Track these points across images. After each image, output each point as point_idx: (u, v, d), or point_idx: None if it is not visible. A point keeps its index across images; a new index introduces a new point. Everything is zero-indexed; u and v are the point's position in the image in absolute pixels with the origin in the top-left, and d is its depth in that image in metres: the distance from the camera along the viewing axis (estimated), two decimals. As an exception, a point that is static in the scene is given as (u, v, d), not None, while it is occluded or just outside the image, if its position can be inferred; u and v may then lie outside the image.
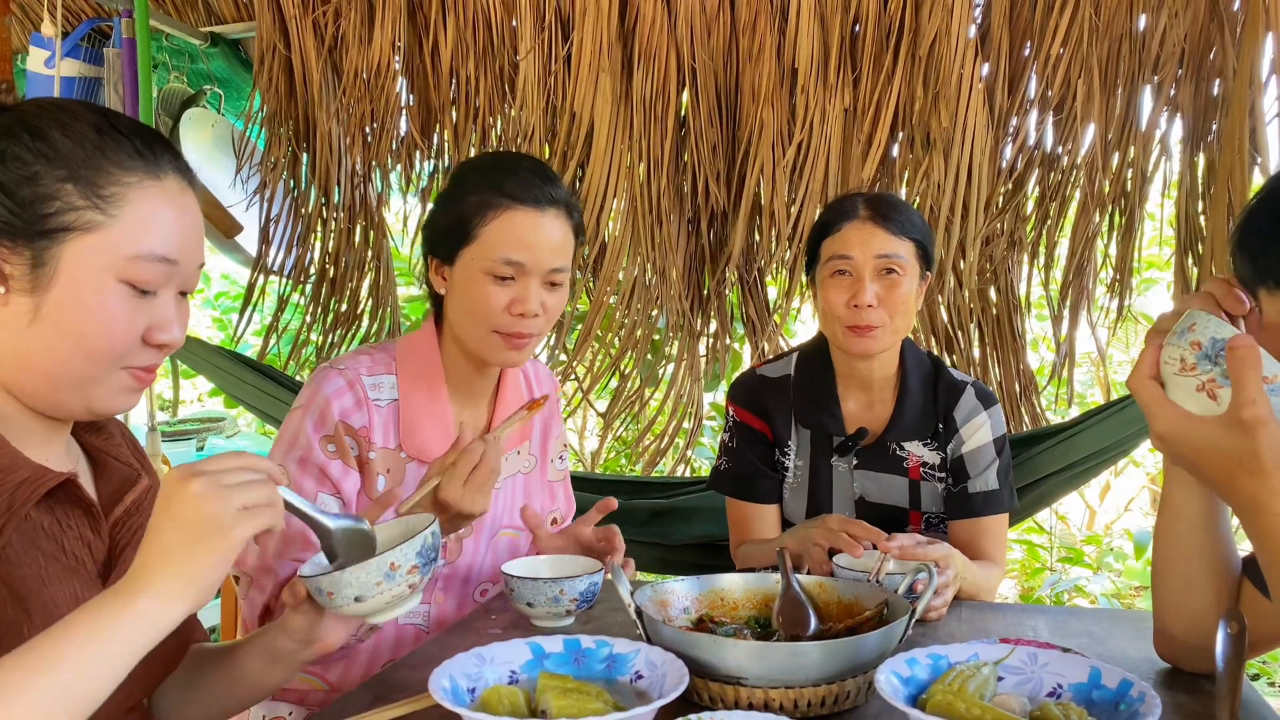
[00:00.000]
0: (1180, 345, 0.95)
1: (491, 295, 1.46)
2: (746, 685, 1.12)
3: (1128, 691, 1.04)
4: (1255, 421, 0.90)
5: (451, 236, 1.49)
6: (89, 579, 1.01)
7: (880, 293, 1.70)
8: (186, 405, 5.62)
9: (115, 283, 0.95)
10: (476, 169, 1.57)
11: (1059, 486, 2.44)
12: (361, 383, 1.51)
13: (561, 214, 1.51)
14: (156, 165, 0.98)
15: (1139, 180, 2.62)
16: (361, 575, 1.02)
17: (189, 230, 1.01)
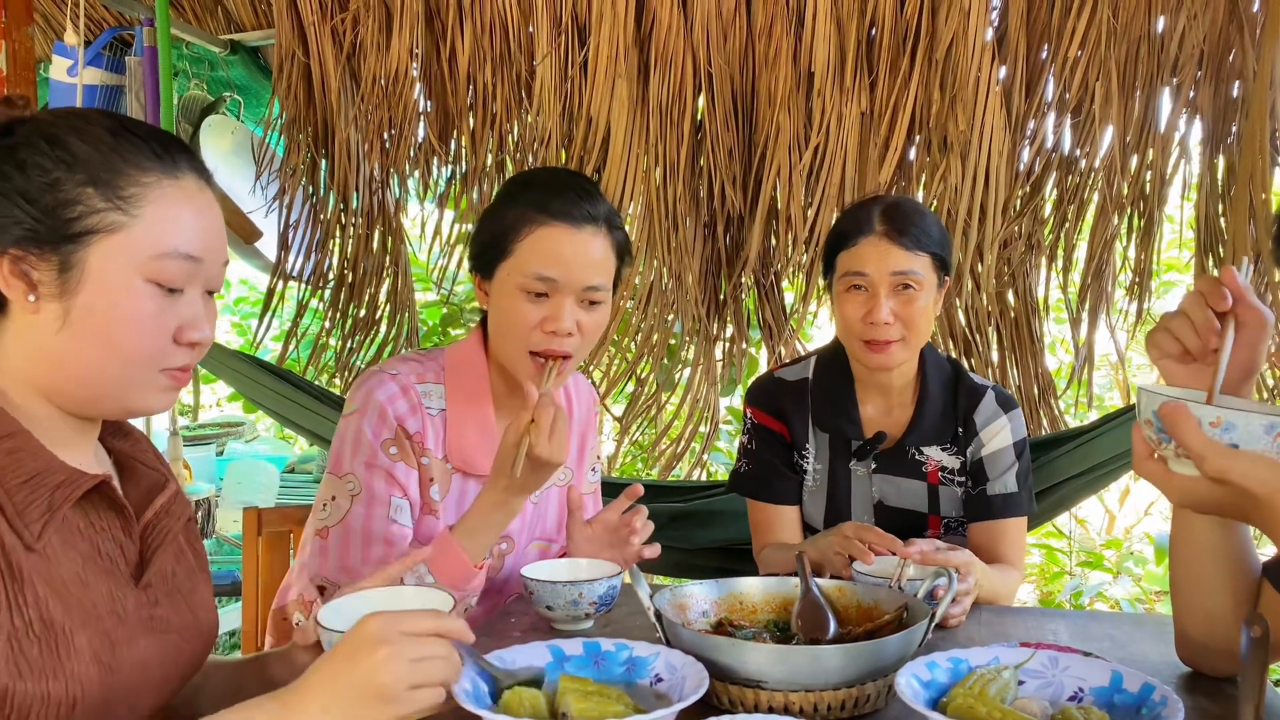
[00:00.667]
0: (1145, 429, 0.99)
1: (524, 311, 1.46)
2: (766, 689, 1.12)
3: (1150, 695, 1.03)
4: (1219, 472, 0.93)
5: (490, 251, 1.50)
6: (123, 580, 1.02)
7: (896, 308, 1.69)
8: (206, 410, 5.66)
9: (142, 282, 0.97)
10: (520, 185, 1.57)
11: (1078, 490, 2.43)
12: (415, 389, 1.52)
13: (601, 231, 1.49)
14: (174, 165, 1.00)
15: (1158, 183, 2.61)
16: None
17: (210, 227, 1.03)
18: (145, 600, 1.04)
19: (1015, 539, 1.75)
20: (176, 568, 1.10)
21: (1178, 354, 1.08)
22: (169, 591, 1.08)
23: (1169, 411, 0.95)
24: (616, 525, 1.58)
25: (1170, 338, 1.08)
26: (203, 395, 5.38)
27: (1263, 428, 0.93)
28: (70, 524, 0.98)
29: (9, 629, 0.88)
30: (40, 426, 0.98)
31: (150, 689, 1.02)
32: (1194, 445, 0.94)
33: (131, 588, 1.02)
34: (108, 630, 0.96)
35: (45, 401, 1.00)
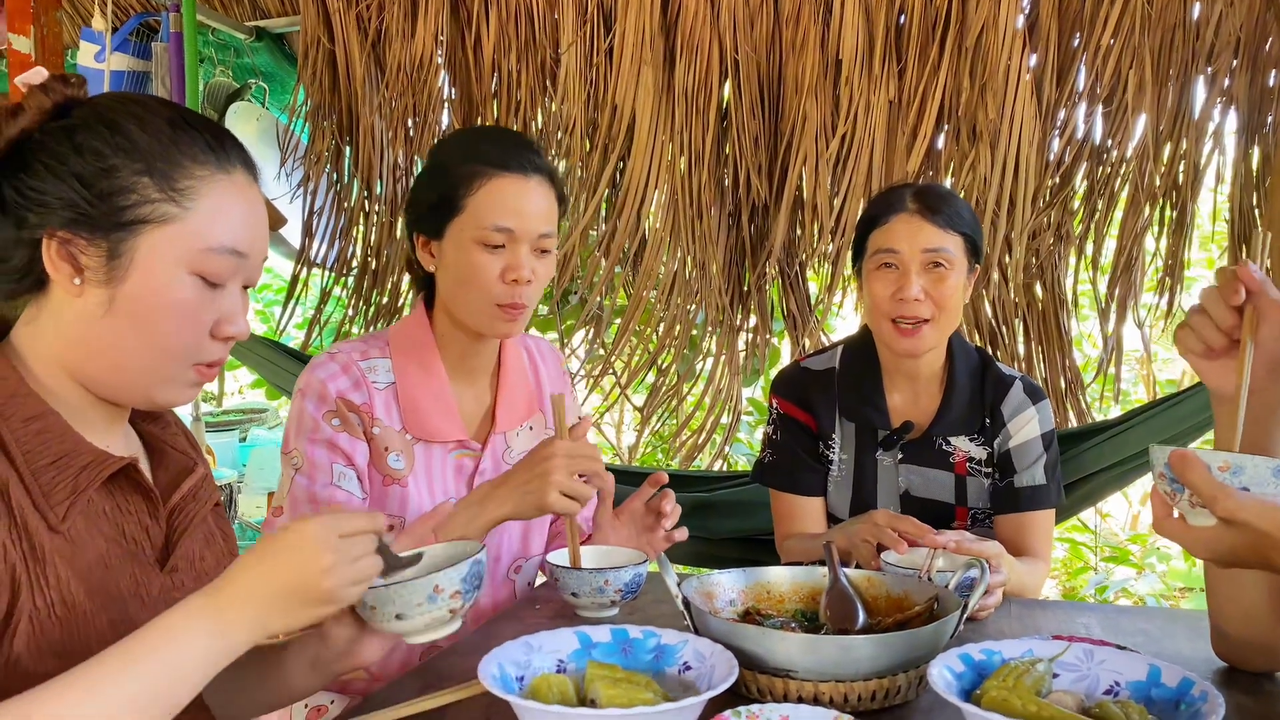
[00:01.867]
0: (1159, 483, 1.01)
1: (484, 264, 1.47)
2: (796, 678, 1.11)
3: (1189, 690, 1.01)
4: (1229, 513, 0.94)
5: (439, 210, 1.50)
6: (147, 564, 1.02)
7: (927, 286, 1.68)
8: (229, 397, 5.69)
9: (187, 275, 0.97)
10: (458, 142, 1.59)
11: (1105, 485, 2.40)
12: (357, 365, 1.52)
13: (545, 181, 1.53)
14: (227, 159, 1.00)
15: (1191, 173, 2.57)
16: (405, 593, 1.03)
17: (257, 223, 1.03)
18: (170, 584, 1.03)
19: (1043, 531, 1.73)
20: (205, 552, 1.10)
21: (1202, 351, 1.09)
22: (196, 575, 1.08)
23: (1177, 459, 0.97)
24: (642, 513, 1.57)
25: (1193, 335, 1.09)
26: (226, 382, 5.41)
27: (1271, 470, 0.95)
28: (96, 506, 0.98)
29: (30, 610, 0.88)
30: (68, 408, 0.98)
31: None
32: (1204, 489, 0.95)
33: (156, 571, 1.02)
34: (131, 614, 0.96)
35: (74, 384, 0.99)
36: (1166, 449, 0.99)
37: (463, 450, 1.57)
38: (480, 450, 1.59)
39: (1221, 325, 1.06)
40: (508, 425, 1.62)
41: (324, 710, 1.55)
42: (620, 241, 2.91)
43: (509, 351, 1.66)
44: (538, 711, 0.98)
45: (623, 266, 3.00)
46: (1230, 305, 1.05)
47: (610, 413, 4.12)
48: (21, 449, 0.92)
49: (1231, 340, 1.07)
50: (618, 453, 4.10)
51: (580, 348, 3.22)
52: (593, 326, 3.10)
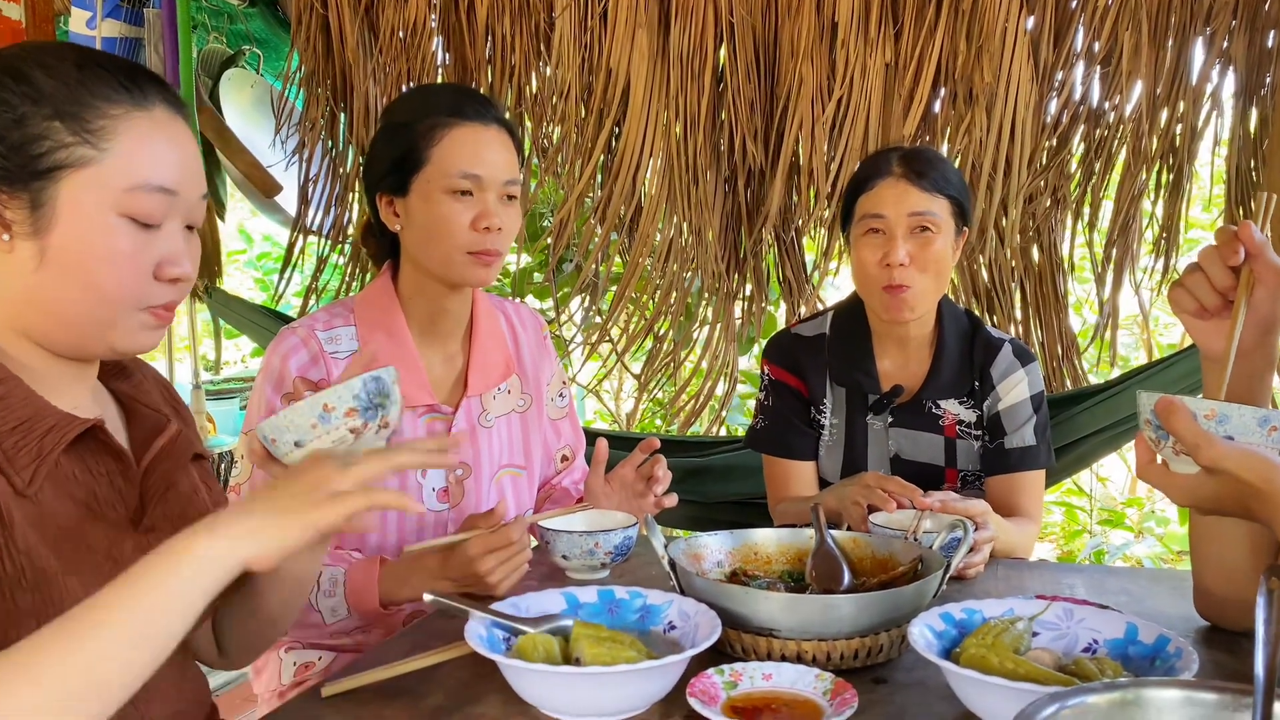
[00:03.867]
0: (1145, 429, 1.02)
1: (454, 213, 1.48)
2: (779, 637, 1.12)
3: (1164, 647, 1.03)
4: (1212, 461, 0.95)
5: (401, 166, 1.50)
6: (121, 525, 1.01)
7: (913, 251, 1.68)
8: (230, 365, 5.71)
9: (116, 218, 0.94)
10: (411, 101, 1.59)
11: (1099, 447, 2.42)
12: (316, 338, 1.52)
13: (504, 131, 1.54)
14: (143, 96, 0.97)
15: (1188, 136, 2.55)
16: (294, 417, 0.99)
17: (184, 159, 1.00)
18: (145, 544, 1.01)
19: (1033, 491, 1.75)
20: (186, 509, 1.09)
21: (1195, 310, 1.10)
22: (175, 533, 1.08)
23: (1163, 406, 0.97)
24: (634, 479, 1.58)
25: (1187, 294, 1.09)
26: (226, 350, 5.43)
27: (1256, 420, 0.96)
28: (64, 470, 0.97)
29: None
30: (29, 371, 0.97)
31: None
32: (1188, 436, 0.96)
33: (130, 532, 1.02)
34: (105, 575, 0.95)
35: (31, 345, 0.98)
36: (1154, 395, 1.00)
37: (433, 414, 1.57)
38: (452, 414, 1.59)
39: (1217, 285, 1.06)
40: (481, 388, 1.62)
41: (311, 666, 1.57)
42: (616, 208, 2.91)
43: (481, 312, 1.65)
44: (523, 670, 1.00)
45: (618, 233, 3.00)
46: (1228, 265, 1.05)
47: (608, 380, 4.14)
48: None
49: (1225, 301, 1.07)
50: (616, 420, 4.12)
51: (576, 315, 3.22)
52: (589, 293, 3.11)
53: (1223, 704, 0.80)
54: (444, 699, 1.07)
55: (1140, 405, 1.02)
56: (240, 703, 2.65)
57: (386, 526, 1.56)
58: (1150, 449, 1.03)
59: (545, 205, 3.45)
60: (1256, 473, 0.95)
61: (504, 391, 1.66)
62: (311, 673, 1.57)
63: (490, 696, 1.06)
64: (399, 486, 1.55)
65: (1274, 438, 0.97)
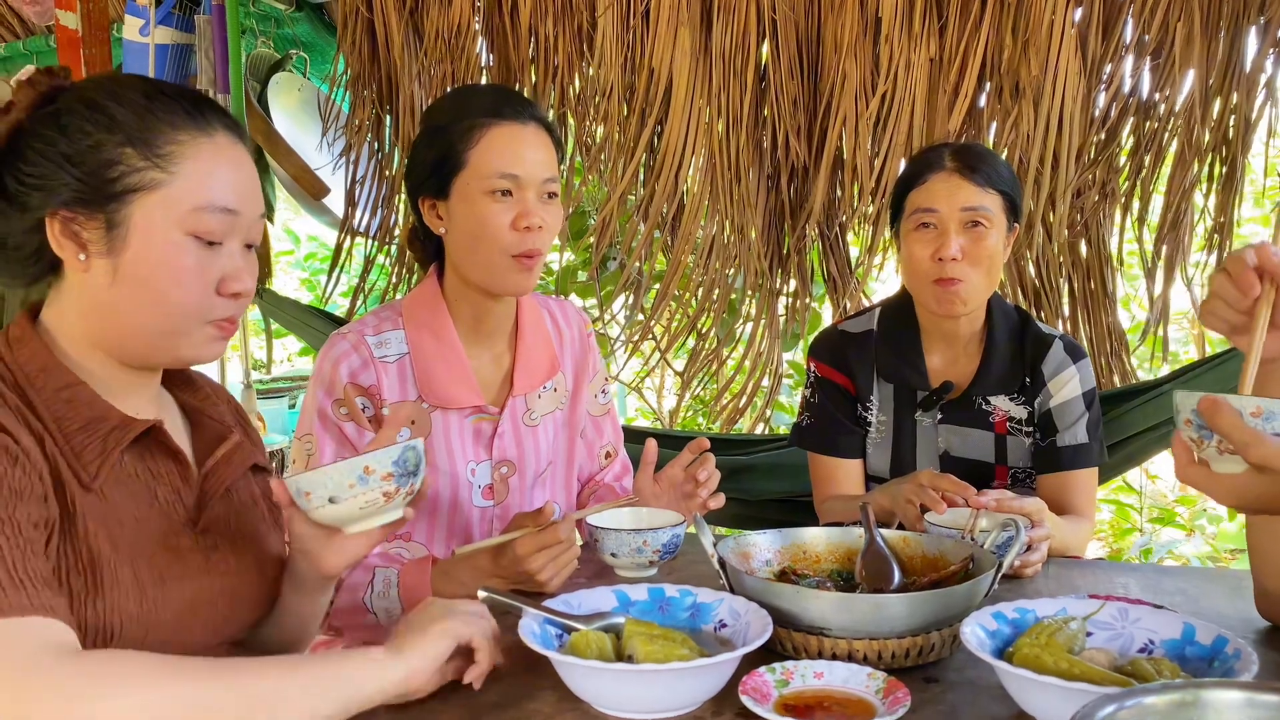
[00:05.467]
0: (1184, 429, 1.01)
1: (494, 213, 1.48)
2: (830, 636, 1.12)
3: (1223, 648, 1.02)
4: (1263, 459, 0.94)
5: (441, 169, 1.51)
6: (178, 525, 1.08)
7: (965, 246, 1.67)
8: (278, 364, 5.80)
9: (183, 236, 1.02)
10: (449, 103, 1.60)
11: (1150, 445, 2.38)
12: (366, 343, 1.54)
13: (542, 130, 1.54)
14: (206, 123, 1.05)
15: (1241, 127, 2.50)
16: (335, 475, 1.03)
17: (244, 181, 1.07)
18: (201, 544, 1.09)
19: (1086, 489, 1.73)
20: (243, 516, 1.16)
21: (1226, 329, 1.09)
22: (230, 538, 1.13)
23: (1208, 405, 0.96)
24: (682, 479, 1.58)
25: (1214, 316, 1.09)
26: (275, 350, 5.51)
27: None
28: (127, 469, 1.04)
29: (57, 560, 0.94)
30: (97, 379, 1.05)
31: (201, 627, 1.07)
32: (1236, 435, 0.94)
33: (187, 532, 1.08)
34: (158, 566, 1.02)
35: (102, 355, 1.05)
36: (1195, 394, 0.98)
37: (480, 415, 1.59)
38: (498, 414, 1.60)
39: (1236, 308, 1.06)
40: (526, 388, 1.63)
41: None
42: (658, 205, 2.91)
43: (526, 312, 1.66)
44: (577, 666, 1.01)
45: (661, 231, 3.00)
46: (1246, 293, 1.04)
47: (650, 377, 4.14)
48: (54, 415, 0.99)
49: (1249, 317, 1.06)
50: (658, 417, 4.13)
51: (620, 313, 3.23)
52: (632, 291, 3.12)
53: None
54: (498, 695, 1.08)
55: (1179, 405, 1.01)
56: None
57: (436, 524, 1.58)
58: (1189, 449, 1.02)
59: (589, 204, 3.47)
60: None
61: (549, 390, 1.67)
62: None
63: (543, 693, 1.08)
64: (450, 485, 1.57)
65: None
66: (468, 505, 1.59)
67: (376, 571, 1.47)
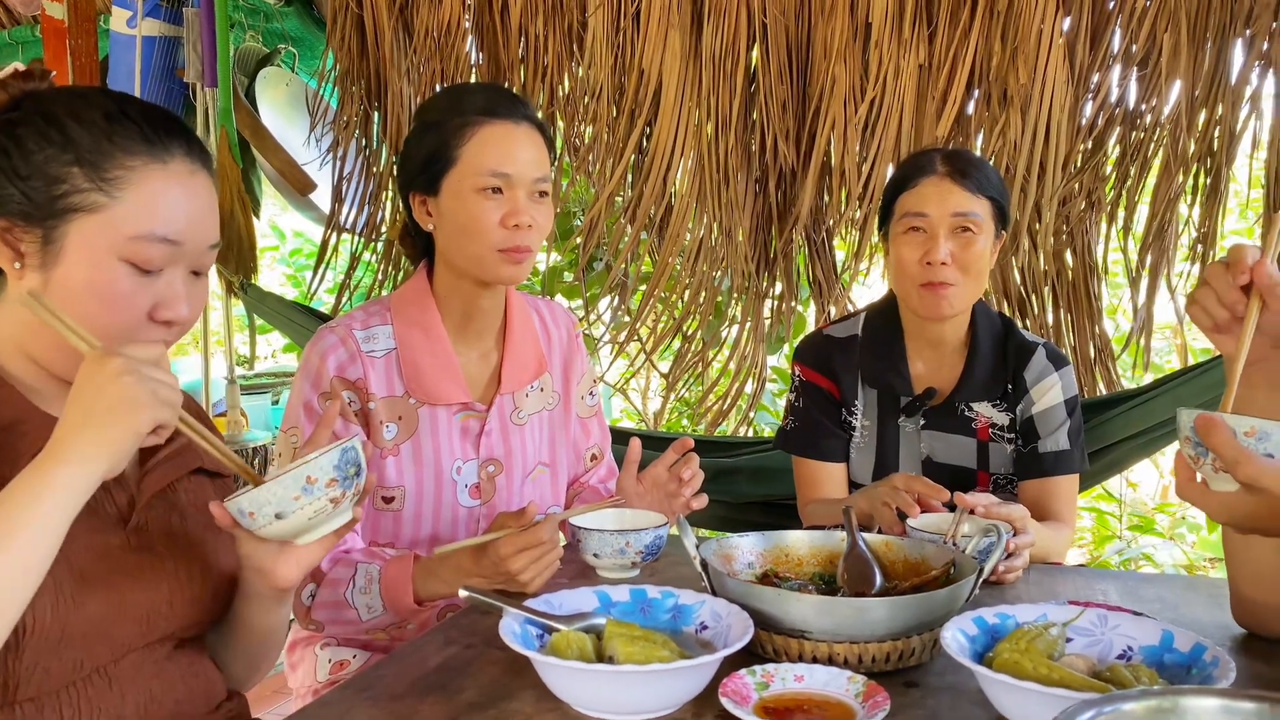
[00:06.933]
0: (1184, 446, 1.02)
1: (484, 210, 1.49)
2: (811, 639, 1.12)
3: (1201, 656, 1.02)
4: (1251, 478, 0.95)
5: (432, 166, 1.52)
6: (107, 523, 1.07)
7: (954, 251, 1.68)
8: (262, 361, 5.77)
9: (117, 262, 1.01)
10: (442, 100, 1.60)
11: (1131, 453, 2.39)
12: (354, 337, 1.54)
13: (534, 130, 1.54)
14: (163, 149, 1.04)
15: (1226, 139, 2.52)
16: (278, 490, 1.01)
17: (196, 211, 1.06)
18: (134, 544, 1.08)
19: (1067, 496, 1.74)
20: (189, 517, 1.15)
21: (1211, 326, 1.10)
22: (170, 539, 1.12)
23: (1203, 423, 0.97)
24: (666, 479, 1.58)
25: (1201, 310, 1.10)
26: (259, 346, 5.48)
27: None
28: None
29: None
30: (26, 384, 1.05)
31: (133, 626, 1.06)
32: (1227, 452, 0.96)
33: (117, 531, 1.07)
34: (79, 565, 1.01)
35: (30, 362, 1.05)
36: (1193, 412, 1.00)
37: (467, 412, 1.59)
38: (485, 411, 1.60)
39: (1224, 300, 1.07)
40: (514, 386, 1.63)
41: (346, 664, 1.59)
42: (646, 207, 2.91)
43: (515, 311, 1.66)
44: (557, 667, 1.01)
45: (648, 233, 3.00)
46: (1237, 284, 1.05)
47: (635, 379, 4.14)
48: None
49: (1236, 316, 1.07)
50: (643, 419, 4.13)
51: (605, 314, 3.23)
52: (618, 293, 3.11)
53: (1261, 713, 0.79)
54: (477, 695, 1.08)
55: (1180, 423, 1.02)
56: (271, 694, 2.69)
57: (420, 520, 1.58)
58: (1189, 467, 1.03)
59: (576, 204, 3.47)
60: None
61: (536, 389, 1.67)
62: (346, 671, 1.59)
63: (523, 693, 1.07)
64: (435, 482, 1.56)
65: None
66: (453, 504, 1.58)
67: (359, 567, 1.46)
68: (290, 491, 1.02)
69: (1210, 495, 1.01)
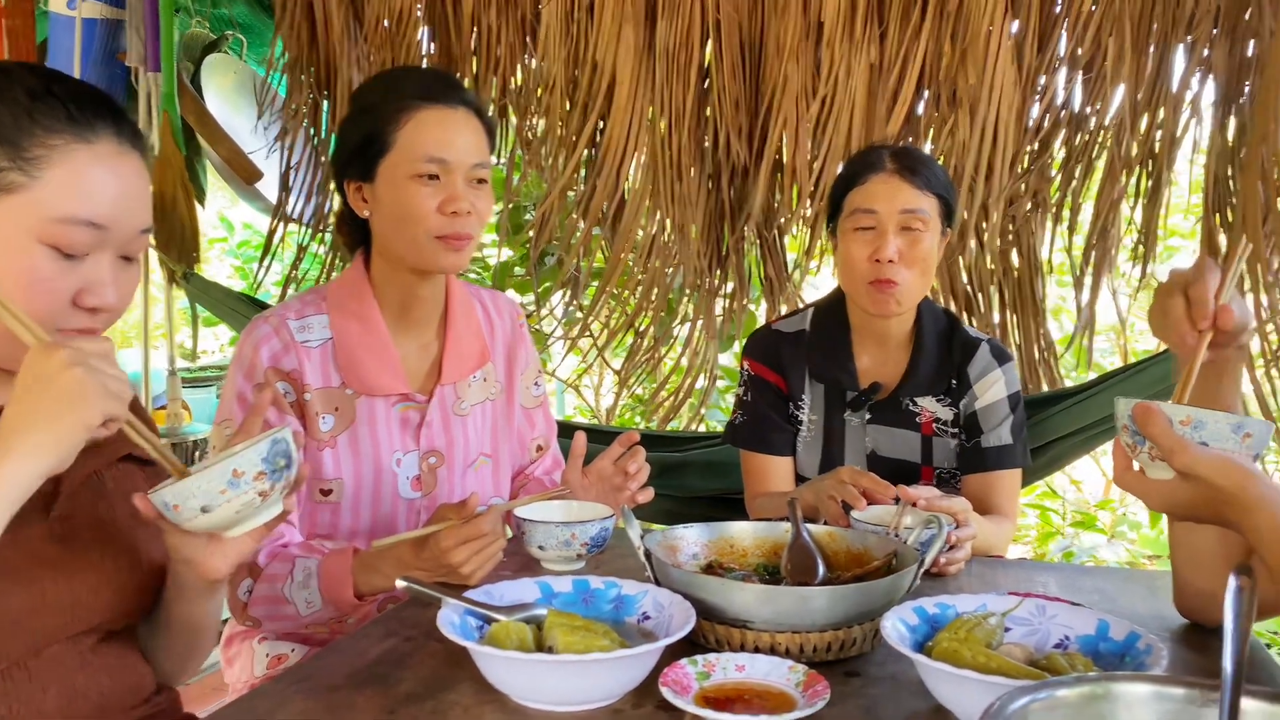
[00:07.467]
0: (1122, 435, 1.04)
1: (421, 197, 1.46)
2: (753, 629, 1.12)
3: (1135, 644, 1.04)
4: (1187, 466, 0.97)
5: (367, 151, 1.49)
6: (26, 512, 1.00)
7: (903, 248, 1.69)
8: (208, 354, 5.67)
9: (38, 245, 0.97)
10: (378, 84, 1.57)
11: (1074, 448, 2.43)
12: (288, 326, 1.51)
13: (472, 115, 1.52)
14: (88, 128, 0.99)
15: (1168, 143, 2.57)
16: (203, 484, 0.98)
17: (123, 194, 1.01)
18: (56, 533, 1.05)
19: (1009, 490, 1.76)
20: (116, 506, 1.11)
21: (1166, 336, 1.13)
22: (95, 527, 1.09)
23: (1141, 411, 1.00)
24: (611, 473, 1.57)
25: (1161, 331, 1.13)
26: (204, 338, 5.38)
27: (1230, 427, 0.98)
28: None
29: None
30: None
31: (55, 616, 1.03)
32: (1164, 441, 0.98)
33: (40, 518, 1.03)
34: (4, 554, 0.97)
35: None
36: (1131, 401, 1.02)
37: (407, 403, 1.56)
38: (425, 403, 1.58)
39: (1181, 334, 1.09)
40: (455, 376, 1.61)
41: (284, 658, 1.56)
42: (599, 202, 2.90)
43: (457, 301, 1.63)
44: (495, 657, 1.00)
45: (601, 228, 2.99)
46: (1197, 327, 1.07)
47: (588, 375, 4.13)
48: None
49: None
50: (595, 414, 4.12)
51: (558, 309, 3.21)
52: (570, 288, 3.10)
53: (1190, 699, 0.80)
54: (415, 686, 1.06)
55: (1118, 411, 1.04)
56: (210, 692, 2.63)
57: (359, 512, 1.55)
58: (1128, 455, 1.05)
59: (528, 199, 3.44)
60: (1229, 479, 0.97)
61: (479, 380, 1.65)
62: (284, 665, 1.56)
63: (462, 684, 1.06)
64: (374, 474, 1.54)
65: (1248, 444, 0.99)
66: (393, 496, 1.56)
67: (297, 562, 1.43)
68: (216, 485, 0.98)
69: (1148, 483, 1.03)
